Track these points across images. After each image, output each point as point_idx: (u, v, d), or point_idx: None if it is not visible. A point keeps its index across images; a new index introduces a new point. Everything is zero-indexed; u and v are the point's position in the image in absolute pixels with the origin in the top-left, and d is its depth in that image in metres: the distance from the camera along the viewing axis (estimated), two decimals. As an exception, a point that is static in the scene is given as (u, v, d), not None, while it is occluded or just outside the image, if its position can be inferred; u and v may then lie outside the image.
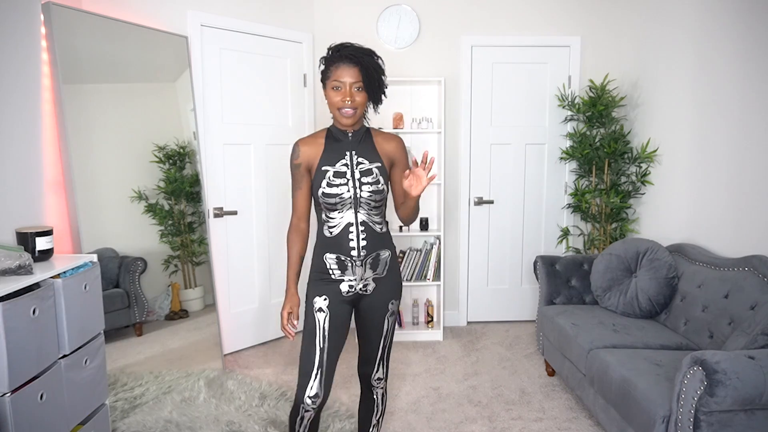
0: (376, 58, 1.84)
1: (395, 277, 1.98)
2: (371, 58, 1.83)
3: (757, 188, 2.57)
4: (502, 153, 4.08)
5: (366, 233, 1.88)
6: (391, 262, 1.96)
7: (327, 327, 1.88)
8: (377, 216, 1.90)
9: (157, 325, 2.99)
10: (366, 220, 1.88)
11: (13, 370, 1.65)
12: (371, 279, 1.92)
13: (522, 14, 3.95)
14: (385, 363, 2.05)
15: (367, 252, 1.88)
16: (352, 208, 1.86)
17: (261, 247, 3.71)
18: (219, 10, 3.37)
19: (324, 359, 1.87)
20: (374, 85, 1.83)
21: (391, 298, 1.97)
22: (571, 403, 2.88)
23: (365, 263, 1.89)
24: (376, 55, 1.85)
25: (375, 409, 2.14)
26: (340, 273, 1.89)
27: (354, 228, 1.87)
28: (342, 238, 1.87)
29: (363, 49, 1.83)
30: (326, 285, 1.90)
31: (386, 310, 1.97)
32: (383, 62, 1.87)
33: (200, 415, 2.66)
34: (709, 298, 2.56)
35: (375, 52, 1.85)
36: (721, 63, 2.82)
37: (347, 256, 1.87)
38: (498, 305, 4.21)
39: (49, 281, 1.89)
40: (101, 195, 2.72)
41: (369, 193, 1.85)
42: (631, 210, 3.73)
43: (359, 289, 1.91)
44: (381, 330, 1.98)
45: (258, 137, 3.63)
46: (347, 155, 1.87)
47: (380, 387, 2.09)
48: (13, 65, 2.17)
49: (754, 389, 1.73)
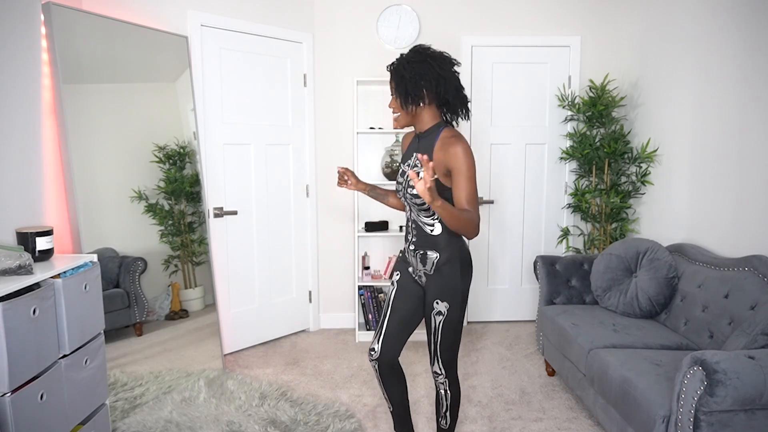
0: (414, 54, 1.88)
1: (443, 280, 1.98)
2: (401, 58, 1.91)
3: (756, 188, 2.57)
4: (502, 153, 4.08)
5: (416, 231, 2.03)
6: (442, 264, 1.97)
7: (393, 297, 2.13)
8: (427, 218, 1.97)
9: (157, 325, 2.99)
10: (416, 220, 2.02)
11: (13, 370, 1.65)
12: (422, 273, 2.05)
13: (522, 14, 3.95)
14: (440, 359, 2.05)
15: (415, 248, 2.04)
16: (408, 206, 2.03)
17: (261, 247, 3.71)
18: (219, 10, 3.37)
19: (386, 323, 2.11)
20: (402, 86, 1.89)
21: (437, 298, 1.99)
22: (571, 403, 2.88)
23: (416, 257, 2.04)
24: (418, 50, 1.89)
25: (439, 402, 2.15)
26: (406, 257, 2.13)
27: (409, 224, 2.07)
28: (406, 229, 2.11)
29: (407, 52, 1.94)
30: (402, 263, 2.16)
31: (431, 308, 2.01)
32: (426, 56, 1.88)
33: (200, 415, 2.66)
34: (709, 298, 2.56)
35: (418, 48, 1.89)
36: (721, 63, 2.82)
37: (406, 246, 2.10)
38: (498, 305, 4.21)
39: (49, 281, 1.89)
40: (101, 195, 2.72)
41: (411, 195, 1.94)
42: (631, 210, 3.73)
43: (416, 277, 2.10)
44: (430, 324, 2.03)
45: (258, 137, 3.63)
46: (413, 156, 1.99)
47: (439, 381, 2.10)
48: (13, 65, 2.17)
49: (754, 389, 1.73)
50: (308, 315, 4.07)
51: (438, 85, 1.87)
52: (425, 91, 1.88)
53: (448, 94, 1.88)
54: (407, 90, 1.88)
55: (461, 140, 1.83)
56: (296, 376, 3.23)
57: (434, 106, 1.93)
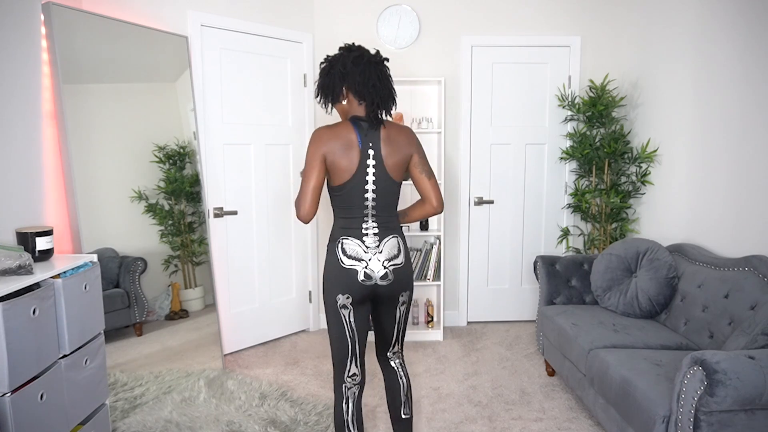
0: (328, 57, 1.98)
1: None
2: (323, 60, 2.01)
3: (756, 188, 2.57)
4: (502, 153, 4.08)
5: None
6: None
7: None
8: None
9: (157, 325, 2.99)
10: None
11: (14, 370, 1.65)
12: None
13: (522, 14, 3.95)
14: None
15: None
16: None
17: (261, 247, 3.71)
18: (219, 10, 3.37)
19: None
20: (318, 88, 2.02)
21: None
22: (571, 403, 2.88)
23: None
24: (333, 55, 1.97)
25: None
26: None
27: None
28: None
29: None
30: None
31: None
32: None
33: (200, 415, 2.66)
34: (709, 298, 2.56)
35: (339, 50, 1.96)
36: (721, 63, 2.82)
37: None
38: (498, 305, 4.21)
39: (49, 281, 1.89)
40: (101, 195, 2.72)
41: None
42: (631, 210, 3.73)
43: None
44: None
45: (258, 137, 3.63)
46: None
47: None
48: (13, 65, 2.17)
49: (754, 389, 1.73)
50: (308, 315, 4.07)
51: (350, 84, 1.90)
52: (338, 89, 1.92)
53: (364, 93, 1.89)
54: (322, 88, 1.95)
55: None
56: (296, 376, 3.23)
57: (356, 103, 1.93)
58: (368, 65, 1.89)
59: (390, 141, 1.93)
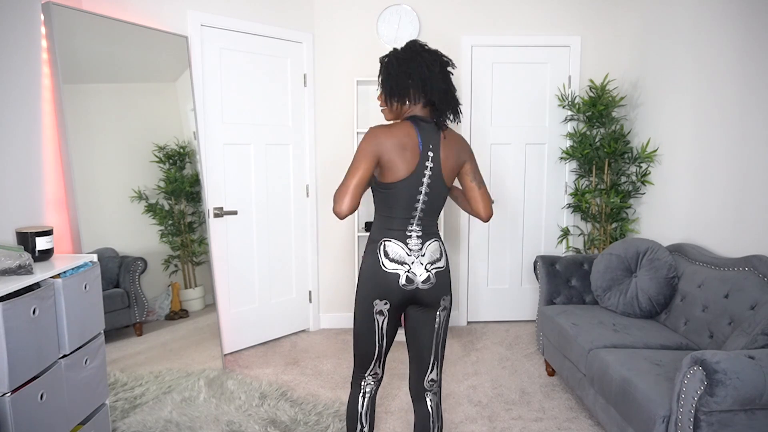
0: (405, 51, 1.85)
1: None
2: (392, 52, 1.89)
3: (756, 188, 2.57)
4: (502, 153, 4.08)
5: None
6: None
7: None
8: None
9: (157, 325, 2.99)
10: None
11: (13, 370, 1.65)
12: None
13: (522, 14, 3.95)
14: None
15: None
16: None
17: (261, 247, 3.71)
18: (219, 10, 3.37)
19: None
20: (387, 82, 1.86)
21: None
22: (571, 403, 2.88)
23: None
24: (410, 47, 1.85)
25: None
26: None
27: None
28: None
29: (402, 46, 1.90)
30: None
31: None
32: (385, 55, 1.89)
33: (200, 415, 2.66)
34: (709, 298, 2.56)
35: (411, 44, 1.85)
36: (721, 63, 2.82)
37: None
38: (498, 305, 4.21)
39: (49, 281, 1.89)
40: (101, 195, 2.72)
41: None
42: (631, 210, 3.74)
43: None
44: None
45: (258, 137, 3.63)
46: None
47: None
48: (13, 65, 2.17)
49: (754, 389, 1.73)
50: (308, 315, 4.07)
51: (424, 86, 1.81)
52: (411, 90, 1.82)
53: (434, 96, 1.82)
54: (392, 86, 1.84)
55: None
56: (296, 376, 3.23)
57: (420, 105, 1.85)
58: (442, 68, 1.83)
59: (449, 145, 1.85)
